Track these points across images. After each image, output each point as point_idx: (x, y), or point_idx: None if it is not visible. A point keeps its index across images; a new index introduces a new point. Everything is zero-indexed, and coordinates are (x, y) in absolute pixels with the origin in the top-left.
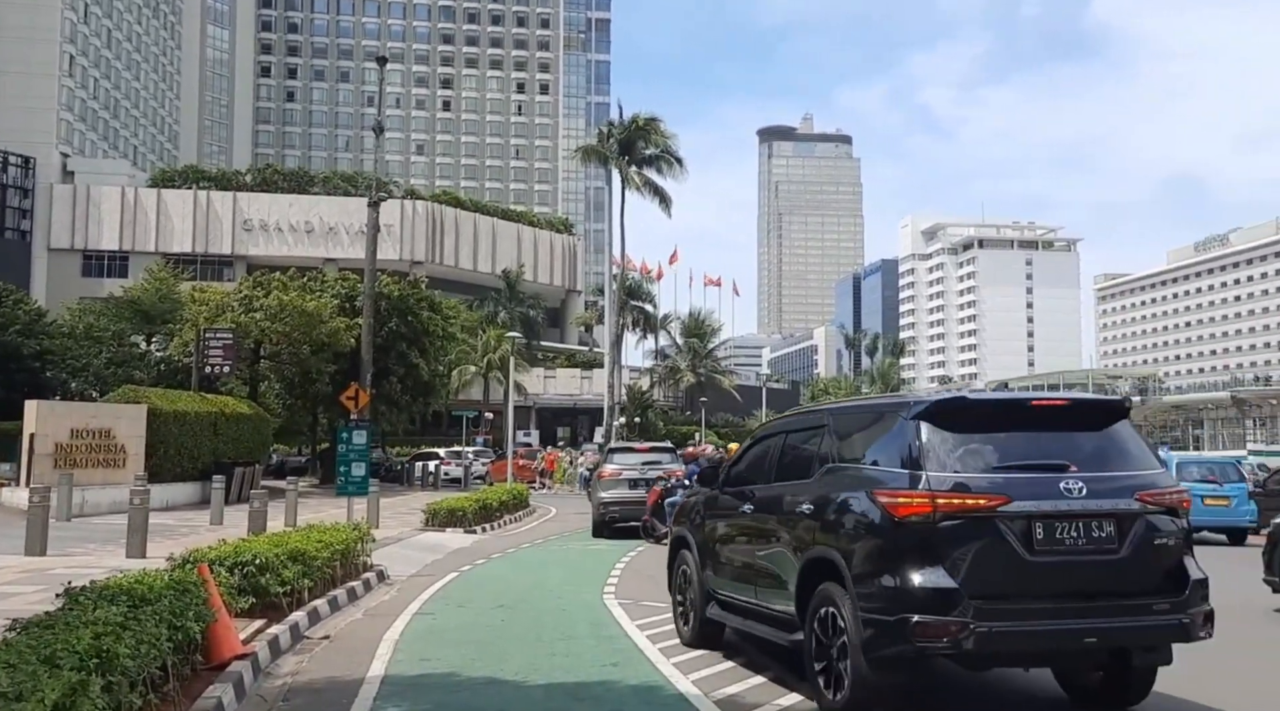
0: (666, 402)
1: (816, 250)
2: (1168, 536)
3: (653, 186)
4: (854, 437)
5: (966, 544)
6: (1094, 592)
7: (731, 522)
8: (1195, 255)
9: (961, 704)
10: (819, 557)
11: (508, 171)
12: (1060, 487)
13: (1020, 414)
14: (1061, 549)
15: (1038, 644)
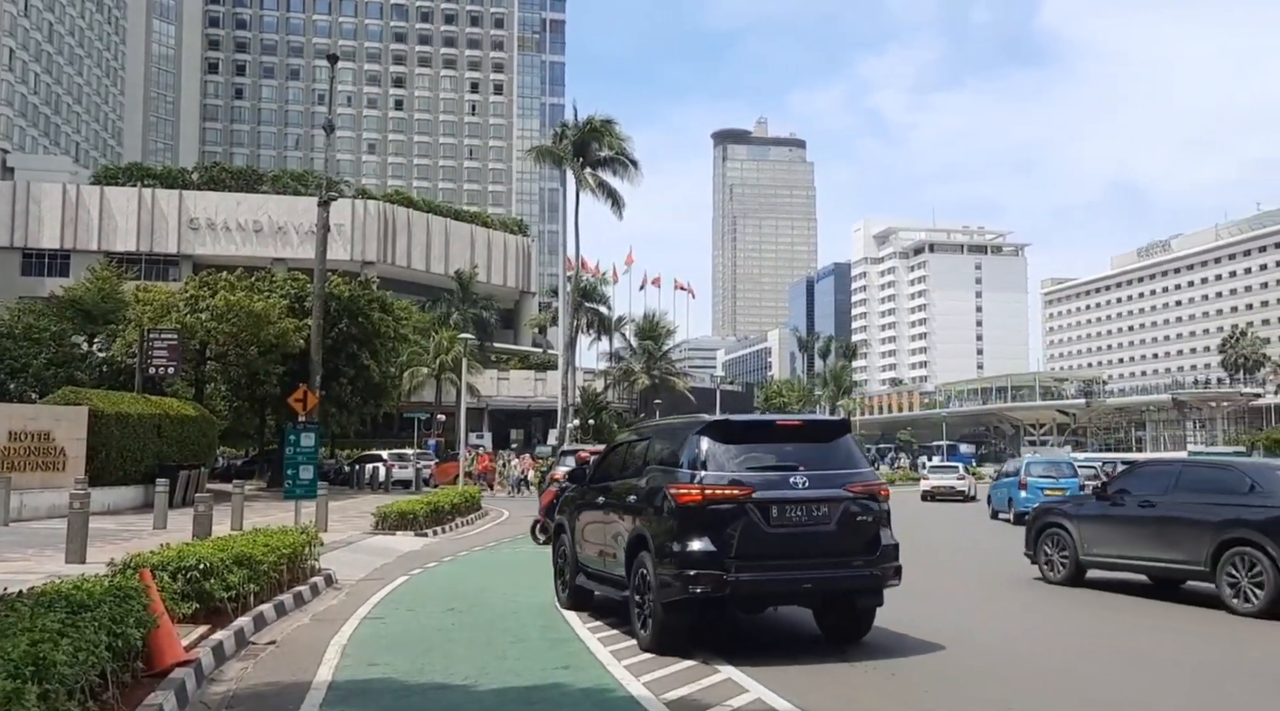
0: (621, 405)
1: (770, 253)
2: (868, 515)
3: (607, 188)
4: (666, 447)
5: (726, 521)
6: (813, 553)
7: (592, 511)
8: (1138, 260)
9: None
10: (639, 534)
11: (461, 172)
12: (790, 482)
13: (769, 430)
14: (790, 523)
15: (775, 588)
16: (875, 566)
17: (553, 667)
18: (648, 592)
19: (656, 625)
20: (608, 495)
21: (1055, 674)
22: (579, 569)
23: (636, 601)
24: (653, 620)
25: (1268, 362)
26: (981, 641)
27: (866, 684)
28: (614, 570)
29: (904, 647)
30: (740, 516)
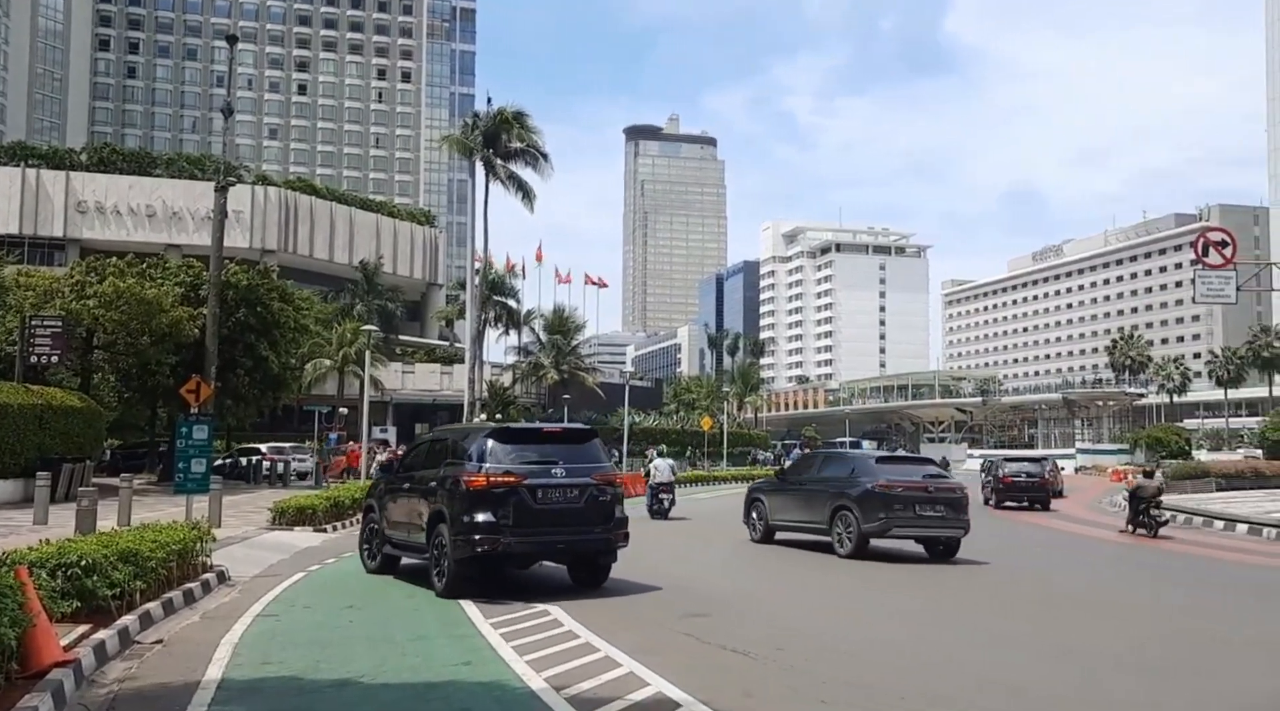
0: (529, 399)
1: (681, 250)
2: (606, 496)
3: (517, 181)
4: (461, 445)
5: (504, 500)
6: (567, 524)
7: (399, 495)
8: (1033, 264)
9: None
10: (438, 510)
11: (367, 160)
12: (551, 472)
13: (537, 434)
14: (551, 502)
15: (539, 549)
16: (610, 532)
17: (453, 663)
18: (444, 554)
19: (450, 577)
20: (413, 482)
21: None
22: (385, 541)
23: (435, 560)
24: (447, 573)
25: (1151, 364)
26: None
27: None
28: (417, 538)
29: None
30: (514, 496)
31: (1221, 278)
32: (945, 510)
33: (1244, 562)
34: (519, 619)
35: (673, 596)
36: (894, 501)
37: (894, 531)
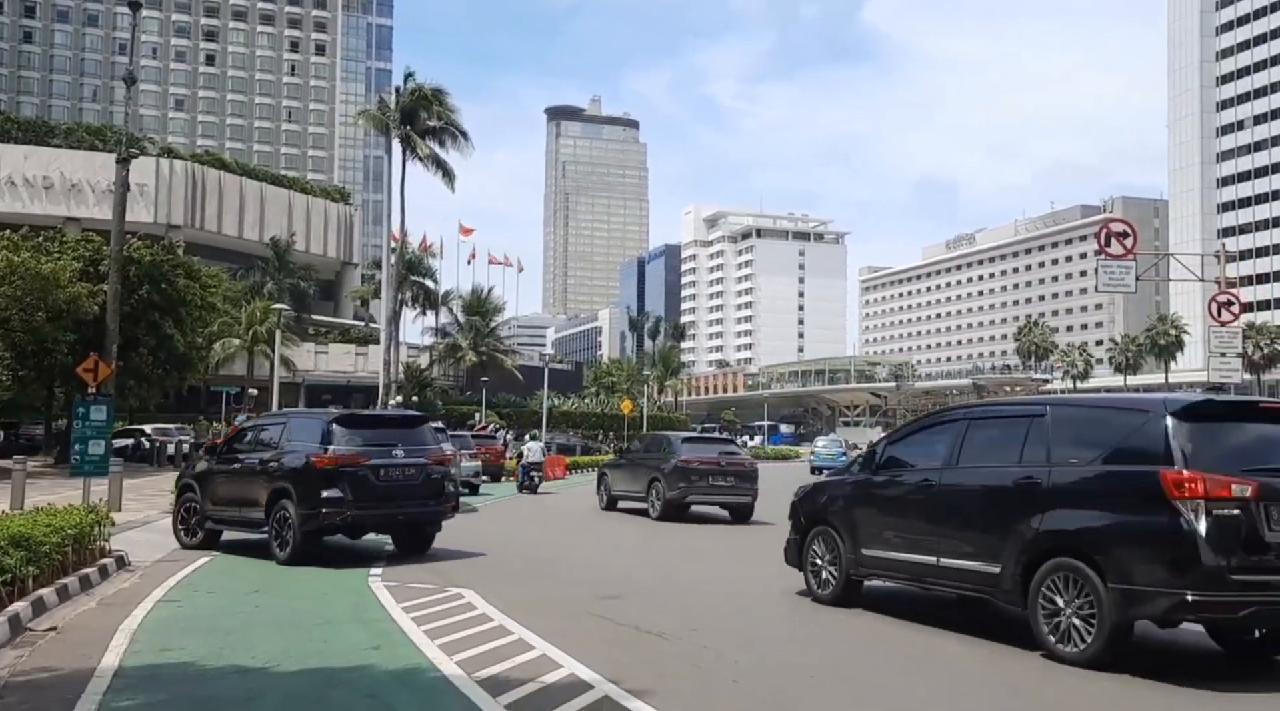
0: (446, 382)
1: (603, 232)
2: (438, 474)
3: (436, 159)
4: (302, 428)
5: (349, 478)
6: (404, 498)
7: (230, 474)
8: (946, 252)
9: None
10: (280, 487)
11: (279, 134)
12: (392, 454)
13: (380, 419)
14: (392, 479)
15: (379, 520)
16: (441, 505)
17: (362, 648)
18: (286, 527)
19: (295, 546)
20: (245, 463)
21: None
22: (205, 517)
23: (276, 532)
24: (292, 544)
25: (1056, 350)
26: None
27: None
28: (251, 514)
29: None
30: (359, 474)
31: (1122, 267)
32: (735, 481)
33: None
34: (432, 603)
35: (585, 577)
36: (692, 473)
37: (691, 498)
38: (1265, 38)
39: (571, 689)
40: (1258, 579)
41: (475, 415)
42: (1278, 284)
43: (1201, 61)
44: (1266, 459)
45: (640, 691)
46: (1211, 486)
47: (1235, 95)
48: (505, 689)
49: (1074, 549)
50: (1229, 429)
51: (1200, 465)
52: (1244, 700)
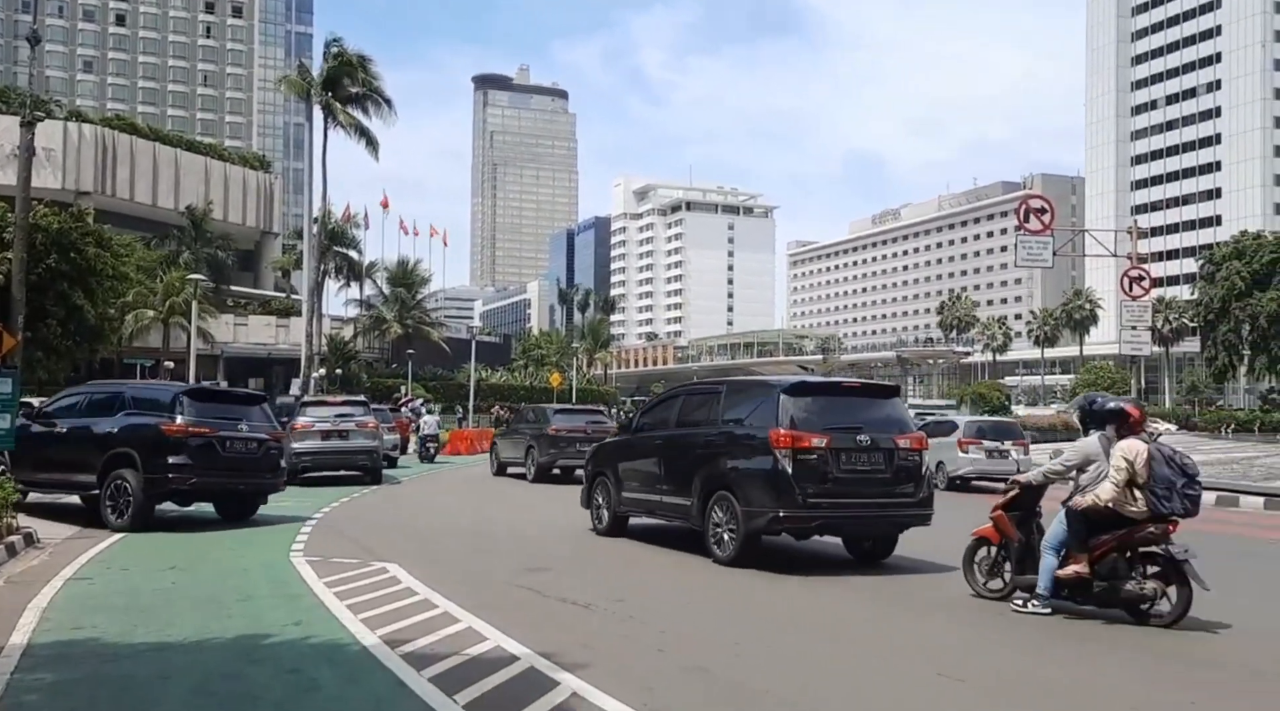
0: (371, 354)
1: (531, 204)
2: (275, 449)
3: (359, 127)
4: (153, 399)
5: (196, 447)
6: (247, 470)
7: (57, 443)
8: (872, 227)
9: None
10: (121, 453)
11: (194, 99)
12: (238, 427)
13: (228, 395)
14: (237, 452)
15: (221, 488)
16: (276, 479)
17: (283, 624)
18: (122, 492)
19: (136, 512)
20: (78, 430)
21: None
22: (31, 484)
23: (112, 497)
24: (132, 509)
25: (977, 324)
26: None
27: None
28: (82, 478)
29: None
30: (205, 445)
31: (1040, 243)
32: None
33: None
34: (355, 578)
35: (512, 549)
36: (560, 441)
37: (560, 462)
38: (1178, 19)
39: (498, 661)
40: (826, 501)
41: (401, 388)
42: (1187, 260)
43: (1118, 41)
44: (840, 420)
45: (566, 660)
46: (797, 440)
47: (1149, 75)
48: (430, 662)
49: (727, 484)
50: (819, 401)
51: (794, 426)
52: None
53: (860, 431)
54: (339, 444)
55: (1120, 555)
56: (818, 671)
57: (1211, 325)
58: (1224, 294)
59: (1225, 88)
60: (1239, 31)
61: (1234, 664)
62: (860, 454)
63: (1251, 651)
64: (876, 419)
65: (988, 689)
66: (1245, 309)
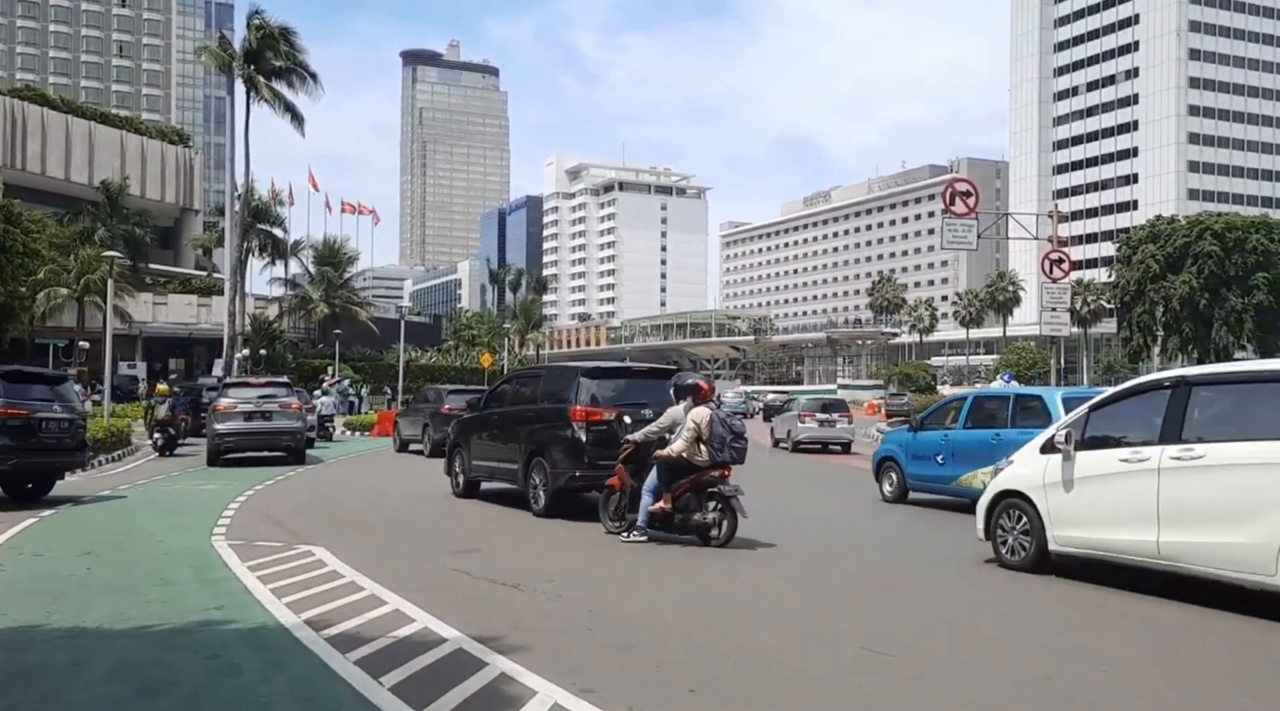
0: (297, 334)
1: (462, 182)
2: (81, 428)
3: (284, 102)
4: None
5: (14, 427)
6: (59, 449)
7: None
8: (804, 209)
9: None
10: None
11: (109, 70)
12: (52, 407)
13: (40, 376)
14: (51, 432)
15: (34, 468)
16: (82, 455)
17: (204, 609)
18: None
19: None
20: None
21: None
22: None
23: None
24: None
25: (905, 305)
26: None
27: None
28: None
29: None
30: (24, 426)
31: (965, 226)
32: None
33: None
34: (279, 561)
35: (439, 529)
36: (452, 419)
37: None
38: (1098, 7)
39: (425, 643)
40: (611, 463)
41: (328, 369)
42: (1105, 243)
43: (1041, 28)
44: (628, 398)
45: (495, 641)
46: (590, 414)
47: (1071, 62)
48: (356, 645)
49: (541, 451)
50: (613, 383)
51: (589, 403)
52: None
53: (645, 407)
54: (262, 425)
55: (693, 494)
56: (743, 646)
57: (1127, 307)
58: (1139, 276)
59: (1142, 75)
60: (1155, 21)
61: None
62: (645, 424)
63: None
64: (661, 397)
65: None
66: (1159, 291)
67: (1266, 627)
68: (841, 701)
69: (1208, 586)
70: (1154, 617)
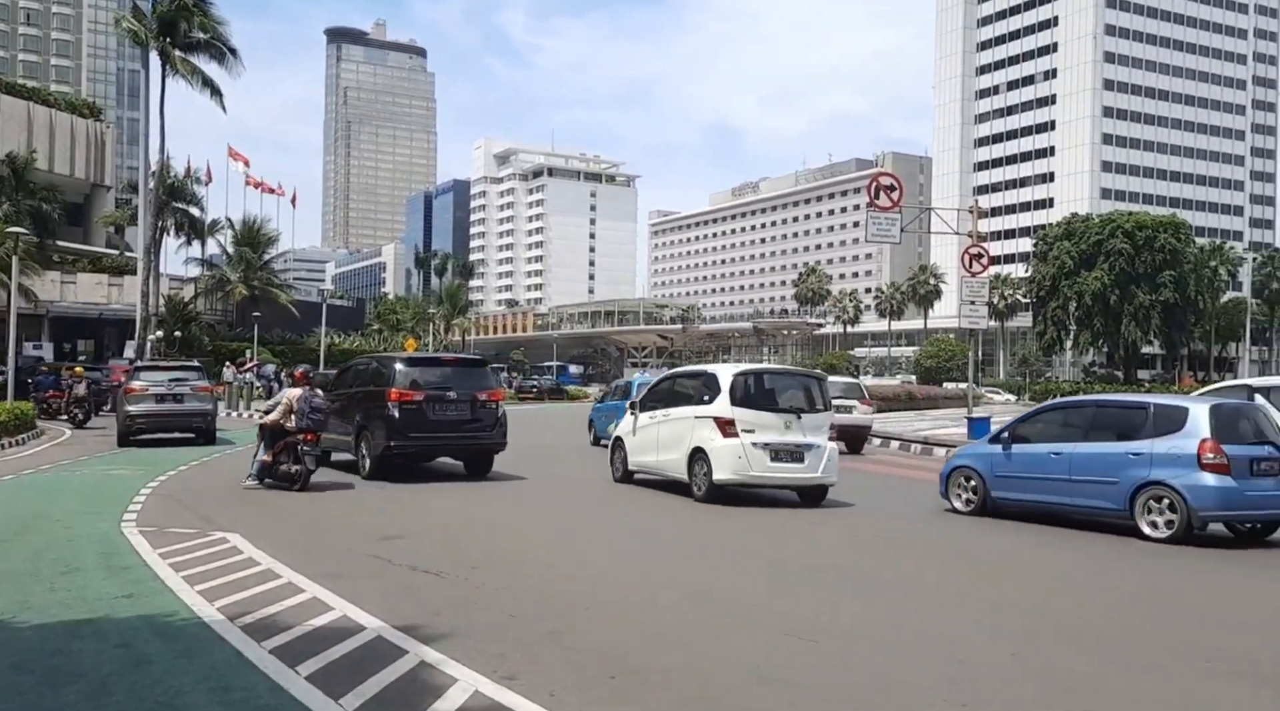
0: (214, 316)
1: (388, 164)
2: None
3: (202, 76)
4: None
5: None
6: None
7: None
8: (732, 199)
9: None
10: None
11: (14, 38)
12: None
13: None
14: None
15: None
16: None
17: (112, 597)
18: None
19: None
20: None
21: None
22: None
23: None
24: None
25: (830, 297)
26: None
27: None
28: None
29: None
30: None
31: (889, 219)
32: None
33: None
34: (192, 548)
35: (359, 515)
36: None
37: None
38: (1020, 9)
39: (343, 631)
40: (423, 435)
41: (246, 352)
42: (1023, 239)
43: (965, 27)
44: (437, 382)
45: (416, 630)
46: (403, 395)
47: (993, 61)
48: (271, 633)
49: (367, 426)
50: (426, 369)
51: (404, 386)
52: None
53: (451, 389)
54: (173, 407)
55: (286, 451)
56: (666, 631)
57: (1043, 301)
58: (1054, 272)
59: (1060, 76)
60: (1074, 24)
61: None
62: (449, 405)
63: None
64: (467, 381)
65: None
66: (1073, 287)
67: None
68: (756, 682)
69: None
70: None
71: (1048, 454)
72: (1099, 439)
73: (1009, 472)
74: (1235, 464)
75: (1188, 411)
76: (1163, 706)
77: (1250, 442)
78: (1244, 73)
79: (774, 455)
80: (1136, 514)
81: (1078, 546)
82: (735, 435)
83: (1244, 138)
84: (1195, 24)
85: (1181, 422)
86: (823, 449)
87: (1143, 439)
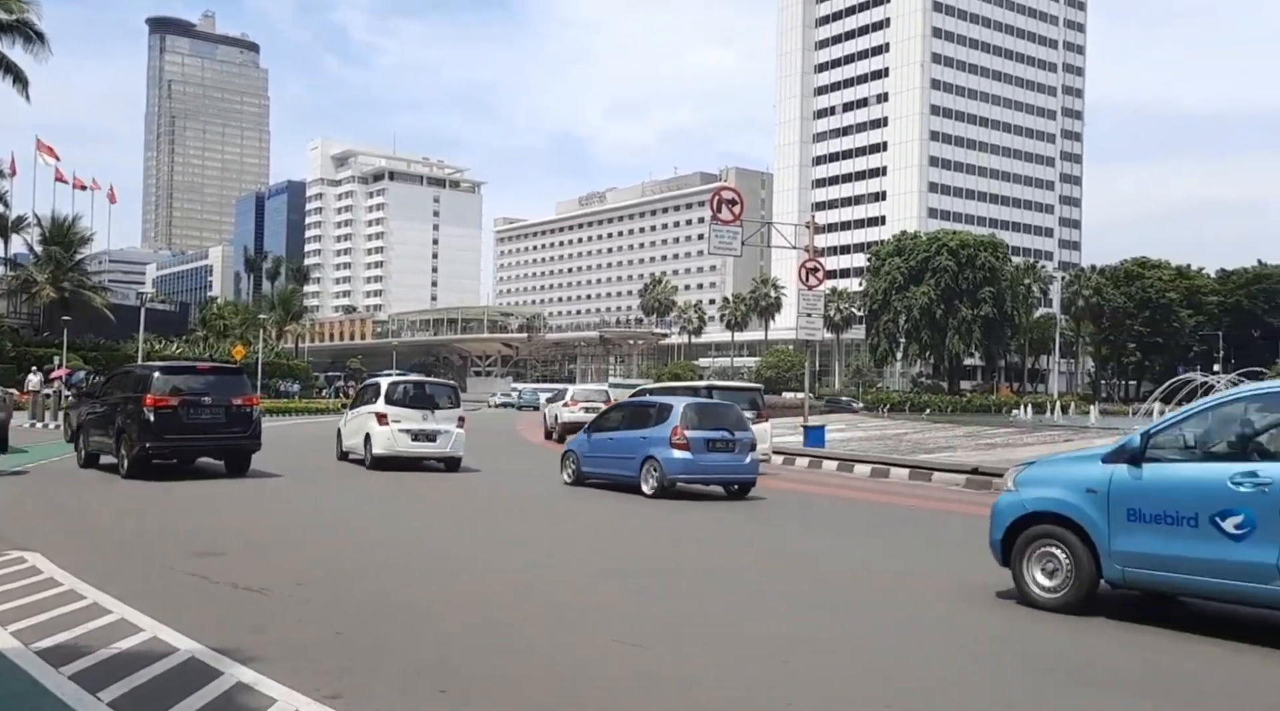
0: (18, 320)
1: (216, 163)
2: None
3: (5, 62)
4: None
5: None
6: None
7: None
8: (579, 208)
9: None
10: None
11: None
12: None
13: None
14: None
15: None
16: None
17: None
18: None
19: None
20: None
21: None
22: None
23: None
24: None
25: (675, 307)
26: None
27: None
28: None
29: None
30: None
31: (731, 232)
32: None
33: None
34: None
35: (176, 532)
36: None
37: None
38: (854, 34)
39: (153, 653)
40: (176, 437)
41: (54, 359)
42: (858, 255)
43: (804, 49)
44: (193, 389)
45: (234, 650)
46: (157, 401)
47: (830, 83)
48: (72, 657)
49: (124, 429)
50: (180, 377)
51: (161, 392)
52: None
53: (206, 395)
54: None
55: None
56: (504, 641)
57: (875, 315)
58: (886, 287)
59: (892, 100)
60: (904, 51)
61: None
62: (203, 409)
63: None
64: (223, 387)
65: None
66: (903, 301)
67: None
68: (593, 690)
69: None
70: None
71: (607, 439)
72: (630, 428)
73: (591, 453)
74: (694, 443)
75: (672, 408)
76: None
77: (710, 429)
78: (1054, 103)
79: (414, 437)
80: (641, 479)
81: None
82: (387, 424)
83: (1054, 164)
84: (1013, 56)
85: (668, 416)
86: (451, 433)
87: (649, 428)
